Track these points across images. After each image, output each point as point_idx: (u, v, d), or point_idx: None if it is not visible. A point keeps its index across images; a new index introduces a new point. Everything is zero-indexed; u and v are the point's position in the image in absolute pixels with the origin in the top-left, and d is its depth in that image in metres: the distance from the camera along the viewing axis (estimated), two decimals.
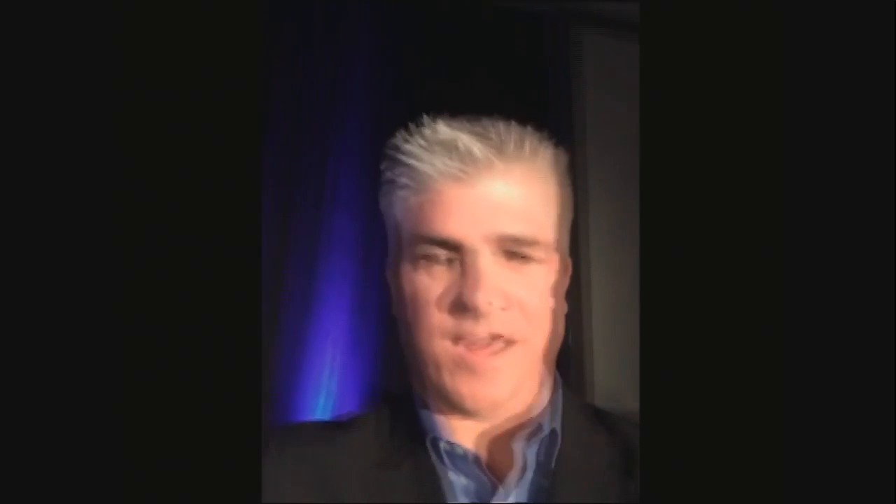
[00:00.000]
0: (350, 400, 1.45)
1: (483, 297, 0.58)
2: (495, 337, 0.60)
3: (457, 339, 0.60)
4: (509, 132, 0.63)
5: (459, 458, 0.62)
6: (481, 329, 0.59)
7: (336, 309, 1.53)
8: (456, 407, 0.62)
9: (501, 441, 0.64)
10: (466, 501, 0.62)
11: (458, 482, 0.62)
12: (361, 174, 1.56)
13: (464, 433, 0.64)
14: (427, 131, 0.62)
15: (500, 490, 0.61)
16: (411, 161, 0.62)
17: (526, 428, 0.64)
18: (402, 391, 0.71)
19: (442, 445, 0.63)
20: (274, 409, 1.46)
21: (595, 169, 1.87)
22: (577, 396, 0.71)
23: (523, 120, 0.66)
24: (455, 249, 0.60)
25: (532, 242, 0.61)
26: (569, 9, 1.95)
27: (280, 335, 1.49)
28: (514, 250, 0.61)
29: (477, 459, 0.62)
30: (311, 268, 1.55)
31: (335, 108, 1.62)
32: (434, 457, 0.63)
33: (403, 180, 0.63)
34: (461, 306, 0.59)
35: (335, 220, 1.57)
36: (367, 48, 1.66)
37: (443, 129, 0.62)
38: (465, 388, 0.60)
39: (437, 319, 0.60)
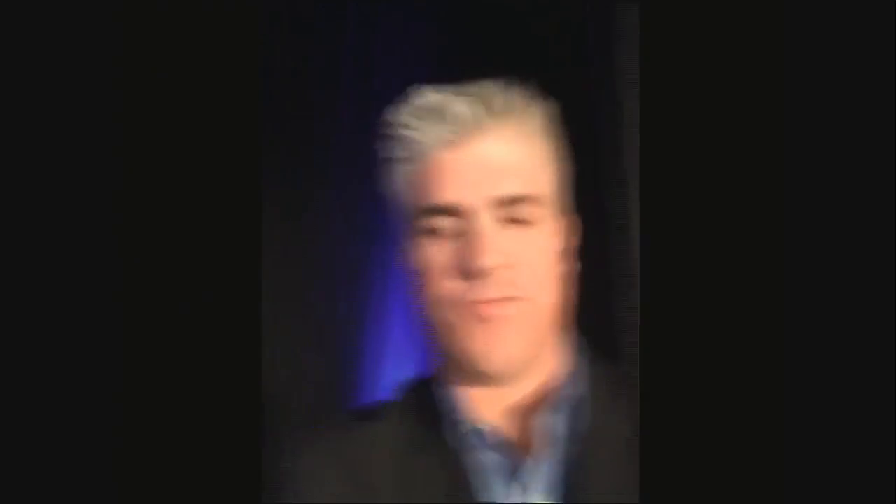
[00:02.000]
0: None
1: (487, 261, 0.58)
2: (503, 299, 0.60)
3: (467, 304, 0.60)
4: (496, 90, 0.62)
5: (485, 438, 0.62)
6: (489, 292, 0.59)
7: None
8: (473, 373, 0.61)
9: (526, 414, 0.63)
10: (496, 480, 0.61)
11: (486, 462, 0.62)
12: None
13: (489, 409, 0.64)
14: (414, 99, 0.62)
15: (529, 465, 0.60)
16: (402, 131, 0.62)
17: (550, 399, 0.63)
18: (425, 375, 0.70)
19: (467, 427, 0.62)
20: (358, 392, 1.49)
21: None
22: (608, 362, 0.69)
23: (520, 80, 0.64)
24: (455, 215, 0.60)
25: (530, 200, 0.61)
26: None
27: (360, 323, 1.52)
28: (513, 211, 0.60)
29: (503, 436, 0.62)
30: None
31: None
32: (460, 438, 0.62)
33: (397, 153, 0.64)
34: (468, 273, 0.59)
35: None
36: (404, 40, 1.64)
37: (429, 95, 0.62)
38: (477, 344, 0.60)
39: (447, 288, 0.60)
